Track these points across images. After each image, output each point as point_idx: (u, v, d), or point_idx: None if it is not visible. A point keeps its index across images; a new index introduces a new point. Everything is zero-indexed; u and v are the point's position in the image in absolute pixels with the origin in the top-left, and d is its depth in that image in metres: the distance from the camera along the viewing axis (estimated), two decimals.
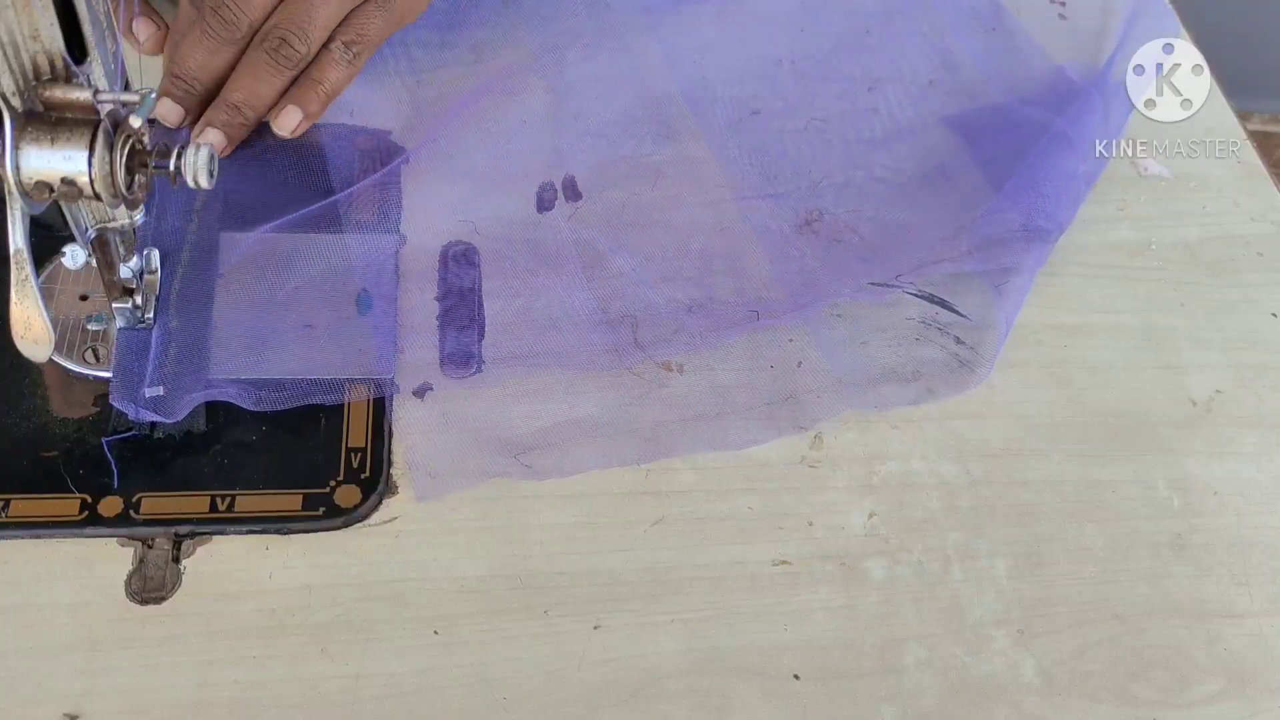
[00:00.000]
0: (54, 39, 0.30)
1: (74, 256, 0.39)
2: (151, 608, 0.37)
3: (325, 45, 0.46)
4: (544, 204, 0.48)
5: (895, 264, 0.48)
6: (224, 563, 0.38)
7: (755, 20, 0.57)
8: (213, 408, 0.40)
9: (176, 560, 0.38)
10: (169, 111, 0.45)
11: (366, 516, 0.39)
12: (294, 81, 0.46)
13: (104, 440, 0.39)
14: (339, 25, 0.46)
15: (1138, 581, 0.41)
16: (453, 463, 0.40)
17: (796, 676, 0.38)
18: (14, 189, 0.30)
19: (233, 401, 0.40)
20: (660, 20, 0.55)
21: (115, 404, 0.39)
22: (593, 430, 0.42)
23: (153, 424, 0.39)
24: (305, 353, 0.42)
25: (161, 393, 0.39)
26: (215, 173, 0.34)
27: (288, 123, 0.46)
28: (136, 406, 0.39)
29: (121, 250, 0.38)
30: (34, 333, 0.32)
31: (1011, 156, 0.51)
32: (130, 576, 0.37)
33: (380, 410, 0.41)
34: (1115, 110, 0.54)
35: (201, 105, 0.45)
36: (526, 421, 0.42)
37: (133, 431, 0.39)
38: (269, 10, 0.45)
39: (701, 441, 0.42)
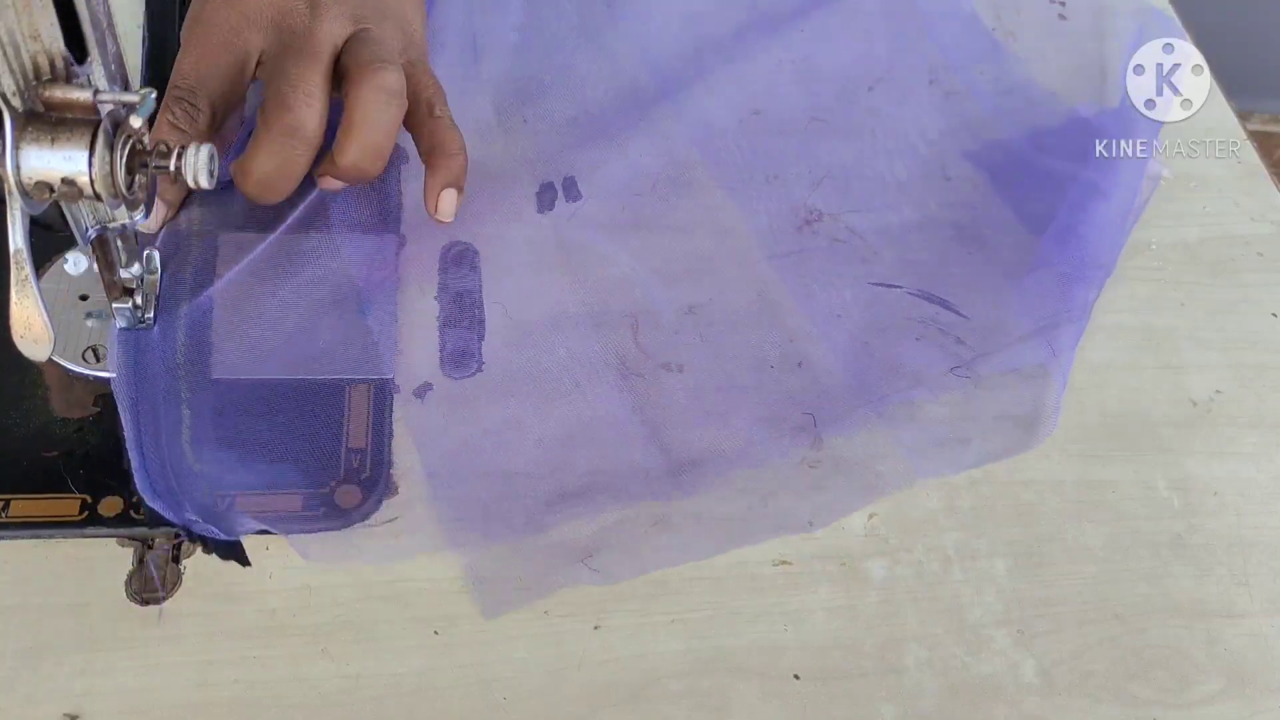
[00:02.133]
0: (54, 39, 0.30)
1: (76, 263, 0.39)
2: (151, 608, 0.37)
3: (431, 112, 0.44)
4: (544, 204, 0.48)
5: (896, 268, 0.48)
6: (224, 563, 0.38)
7: (756, 20, 0.57)
8: (213, 410, 0.40)
9: (176, 560, 0.38)
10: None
11: (366, 516, 0.39)
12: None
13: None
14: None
15: (1138, 581, 0.41)
16: (514, 570, 0.39)
17: (796, 676, 0.38)
18: (14, 189, 0.30)
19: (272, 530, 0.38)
20: (661, 22, 0.55)
21: (156, 507, 0.37)
22: (656, 527, 0.40)
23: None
24: (305, 353, 0.42)
25: (198, 520, 0.37)
26: (215, 173, 0.34)
27: (449, 208, 0.44)
28: (180, 516, 0.37)
29: (123, 255, 0.38)
30: (34, 332, 0.32)
31: (1042, 206, 0.50)
32: (130, 576, 0.37)
33: (380, 410, 0.41)
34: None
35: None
36: (576, 526, 0.40)
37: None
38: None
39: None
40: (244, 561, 0.38)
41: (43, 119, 0.30)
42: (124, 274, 0.39)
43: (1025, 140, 0.53)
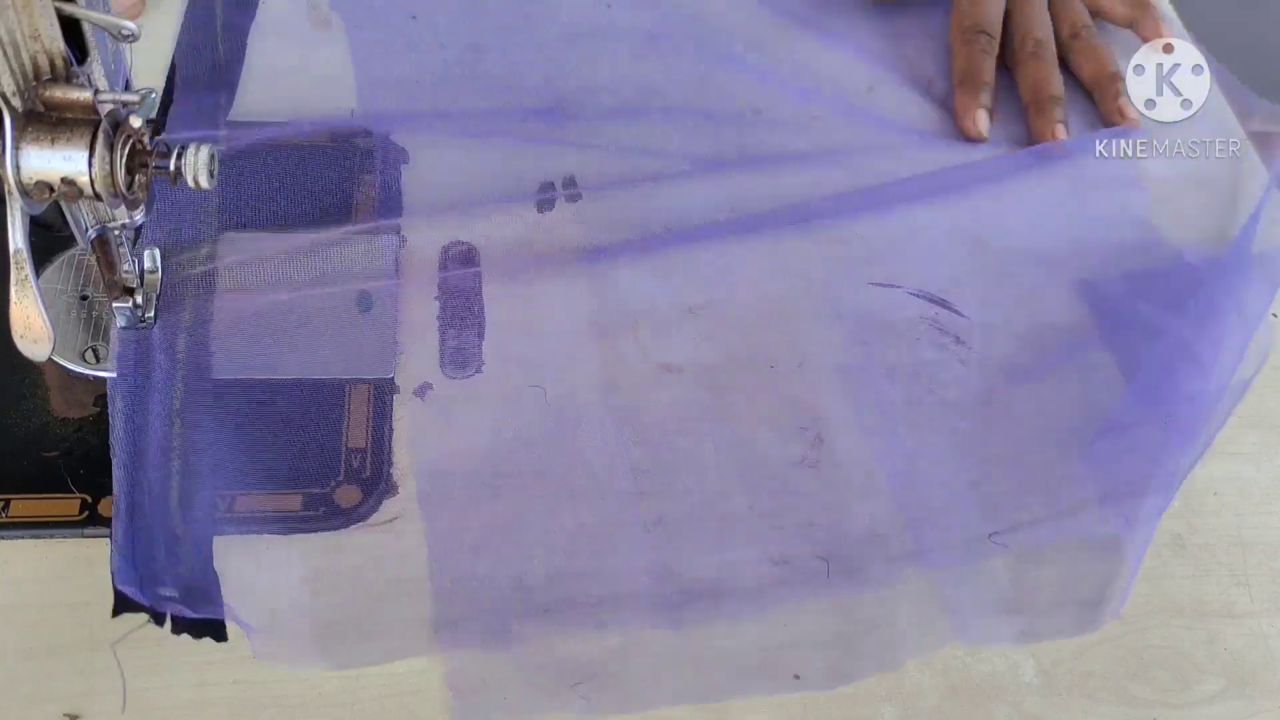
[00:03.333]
0: (54, 39, 0.30)
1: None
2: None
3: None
4: (544, 204, 0.48)
5: (896, 267, 0.48)
6: (224, 563, 0.38)
7: (756, 20, 0.57)
8: (212, 411, 0.40)
9: None
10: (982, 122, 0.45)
11: (366, 516, 0.39)
12: None
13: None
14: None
15: (1138, 581, 0.41)
16: (498, 687, 0.36)
17: (796, 676, 0.38)
18: (14, 189, 0.30)
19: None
20: (661, 22, 0.55)
21: (125, 591, 0.36)
22: (656, 659, 0.37)
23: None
24: (305, 353, 0.42)
25: (176, 595, 0.36)
26: (215, 173, 0.34)
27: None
28: (151, 599, 0.36)
29: (126, 254, 0.38)
30: (34, 332, 0.32)
31: (1129, 353, 0.46)
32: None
33: (380, 410, 0.41)
34: (1253, 300, 0.47)
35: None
36: (582, 645, 0.37)
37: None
38: None
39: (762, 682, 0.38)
40: (220, 637, 0.36)
41: (43, 119, 0.30)
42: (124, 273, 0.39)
43: (1123, 284, 0.48)
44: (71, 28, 0.31)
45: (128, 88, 0.33)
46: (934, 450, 0.42)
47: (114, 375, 0.40)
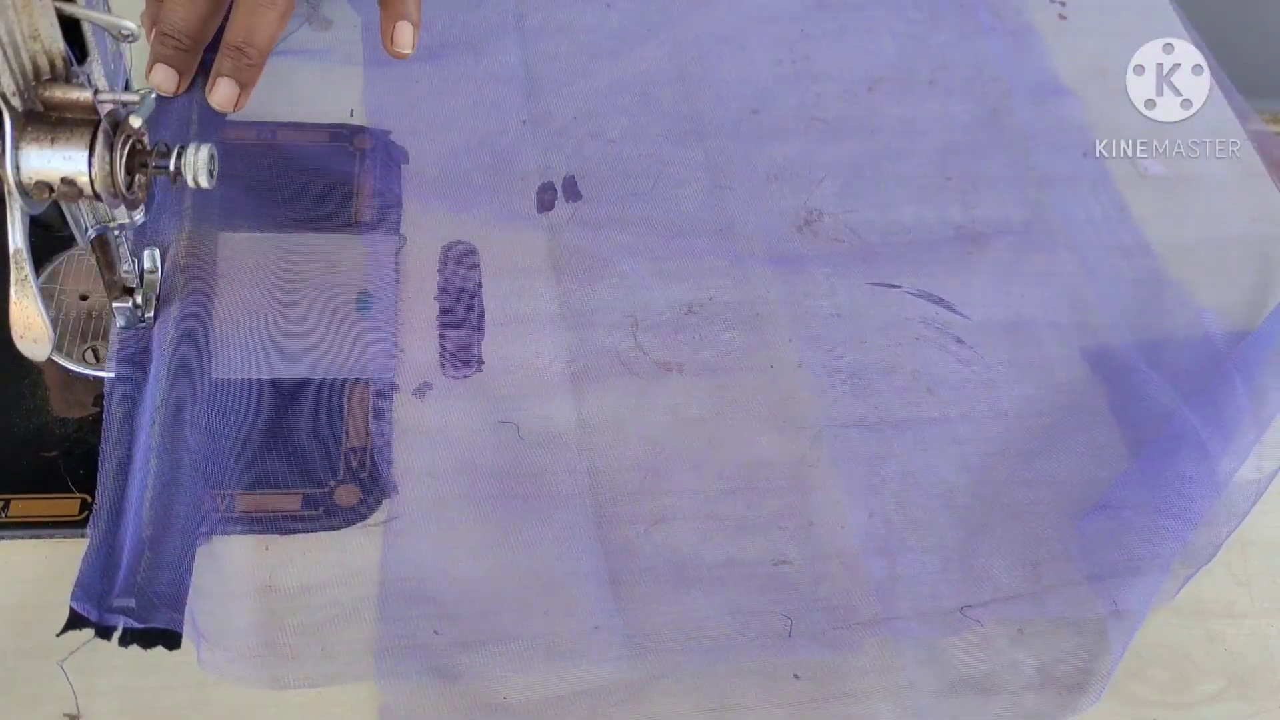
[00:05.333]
0: (54, 39, 0.30)
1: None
2: None
3: None
4: (544, 204, 0.48)
5: (896, 267, 0.48)
6: (224, 562, 0.38)
7: (756, 20, 0.57)
8: (212, 410, 0.40)
9: None
10: (164, 79, 0.40)
11: (366, 516, 0.39)
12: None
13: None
14: None
15: None
16: None
17: (796, 676, 0.38)
18: (14, 189, 0.30)
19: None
20: (661, 22, 0.55)
21: (76, 607, 0.35)
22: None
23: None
24: (305, 352, 0.42)
25: (133, 604, 0.35)
26: (215, 172, 0.34)
27: (405, 39, 0.43)
28: (101, 613, 0.35)
29: (126, 254, 0.38)
30: (34, 332, 0.32)
31: (1136, 427, 0.44)
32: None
33: (380, 410, 0.41)
34: (1274, 394, 0.44)
35: (193, 64, 0.41)
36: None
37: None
38: None
39: None
40: (172, 645, 0.35)
41: (43, 119, 0.30)
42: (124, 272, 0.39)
43: (1137, 350, 0.46)
44: (71, 28, 0.31)
45: (128, 88, 0.33)
46: (921, 497, 0.41)
47: (113, 375, 0.40)
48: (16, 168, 0.30)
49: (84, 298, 0.42)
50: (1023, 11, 0.59)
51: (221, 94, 0.40)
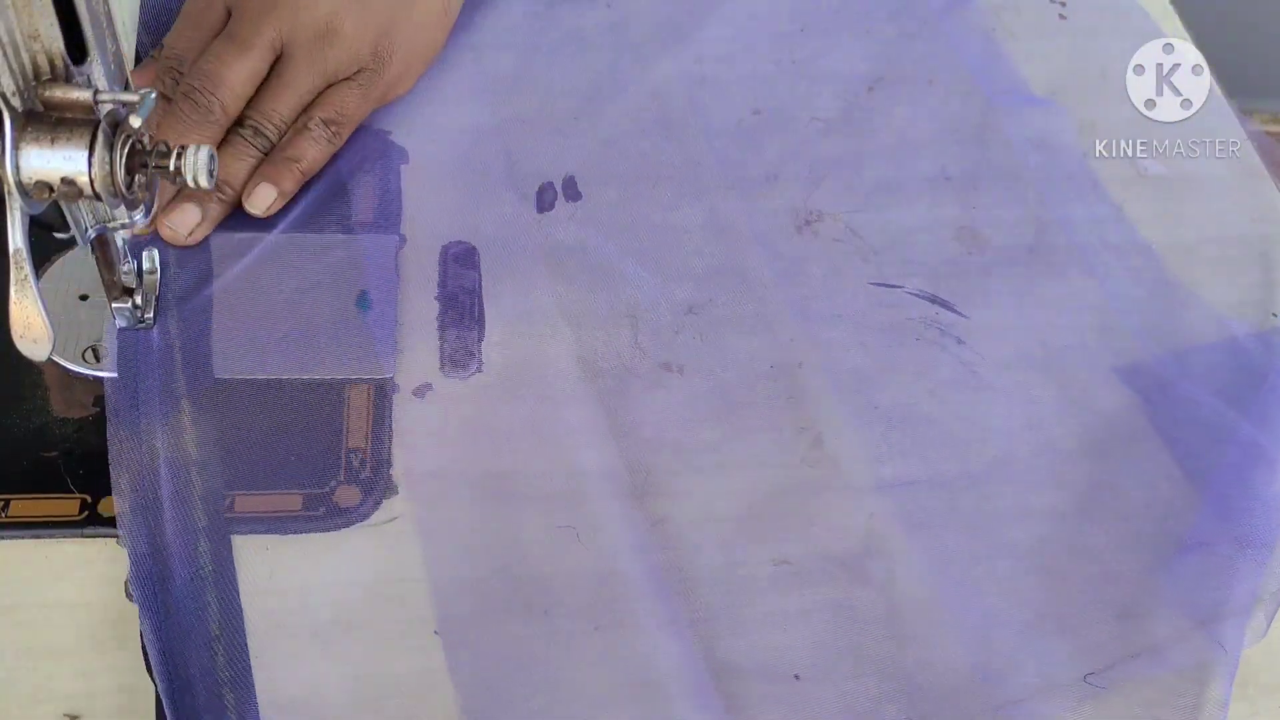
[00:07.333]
0: (54, 39, 0.30)
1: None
2: None
3: (305, 122, 0.45)
4: (544, 204, 0.48)
5: (896, 267, 0.48)
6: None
7: (756, 20, 0.57)
8: (212, 412, 0.40)
9: None
10: (187, 219, 0.43)
11: (366, 516, 0.39)
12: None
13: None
14: (319, 101, 0.45)
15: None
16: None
17: (797, 676, 0.38)
18: (14, 189, 0.30)
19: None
20: (661, 21, 0.55)
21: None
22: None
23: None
24: (305, 353, 0.42)
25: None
26: (215, 172, 0.34)
27: (261, 201, 0.44)
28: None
29: (125, 254, 0.38)
30: (33, 332, 0.32)
31: (1194, 452, 0.43)
32: (130, 576, 0.37)
33: (380, 410, 0.41)
34: None
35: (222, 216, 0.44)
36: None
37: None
38: (239, 90, 0.43)
39: None
40: None
41: (43, 119, 0.30)
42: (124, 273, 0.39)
43: (1172, 362, 0.45)
44: (71, 28, 0.31)
45: (127, 88, 0.33)
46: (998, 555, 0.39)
47: (113, 375, 0.40)
48: (16, 168, 0.30)
49: (84, 298, 0.42)
50: (1023, 11, 0.59)
51: (185, 217, 0.43)
